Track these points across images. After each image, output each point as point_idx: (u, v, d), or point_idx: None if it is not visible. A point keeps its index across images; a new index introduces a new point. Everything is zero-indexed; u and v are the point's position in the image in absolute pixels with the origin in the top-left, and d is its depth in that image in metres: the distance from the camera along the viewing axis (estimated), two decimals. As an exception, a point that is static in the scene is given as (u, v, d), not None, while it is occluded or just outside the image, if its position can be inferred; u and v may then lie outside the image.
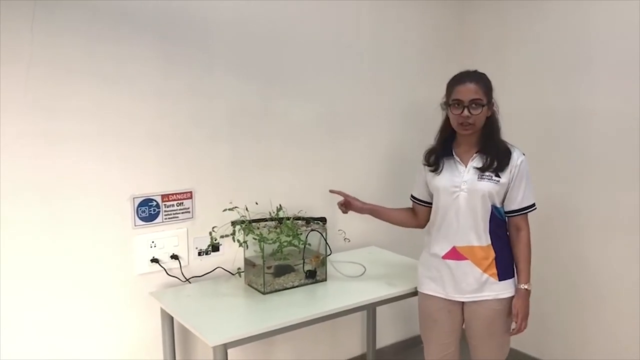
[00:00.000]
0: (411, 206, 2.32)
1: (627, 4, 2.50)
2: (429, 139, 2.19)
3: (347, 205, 2.35)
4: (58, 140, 2.11)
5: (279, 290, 2.28)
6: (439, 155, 2.11)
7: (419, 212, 2.28)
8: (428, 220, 2.24)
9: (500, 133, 2.06)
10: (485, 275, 2.04)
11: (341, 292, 2.29)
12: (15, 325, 2.09)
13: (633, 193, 2.54)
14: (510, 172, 2.00)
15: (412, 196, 2.30)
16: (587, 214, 2.73)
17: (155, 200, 2.35)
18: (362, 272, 2.53)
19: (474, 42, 3.20)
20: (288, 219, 2.41)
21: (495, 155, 2.00)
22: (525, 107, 2.95)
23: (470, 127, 1.99)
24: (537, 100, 2.91)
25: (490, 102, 2.01)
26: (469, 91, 1.97)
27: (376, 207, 2.37)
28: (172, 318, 2.24)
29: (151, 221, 2.35)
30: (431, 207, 2.19)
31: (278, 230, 2.32)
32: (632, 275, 2.58)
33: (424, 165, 2.16)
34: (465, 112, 1.97)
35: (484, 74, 2.05)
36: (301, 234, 2.35)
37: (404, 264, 2.63)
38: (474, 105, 1.97)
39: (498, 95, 2.09)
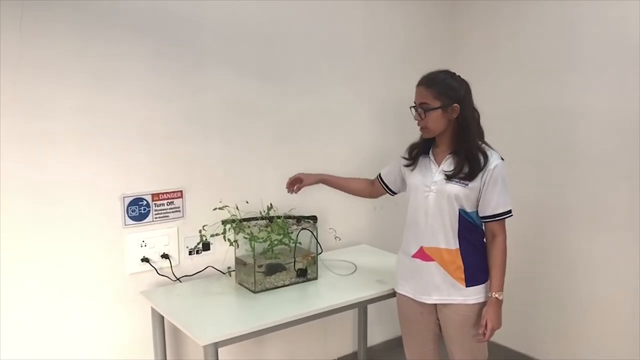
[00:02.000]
0: (372, 179, 2.38)
1: (617, 3, 2.51)
2: (418, 136, 2.20)
3: (294, 183, 2.35)
4: (47, 140, 2.10)
5: (270, 289, 2.28)
6: (419, 151, 2.11)
7: (377, 188, 2.35)
8: (380, 195, 2.37)
9: (475, 135, 1.98)
10: (452, 279, 2.00)
11: (332, 291, 2.29)
12: (4, 326, 2.08)
13: (622, 191, 2.57)
14: (482, 176, 1.94)
15: (379, 174, 2.34)
16: (577, 212, 2.75)
17: (146, 200, 2.34)
18: (353, 270, 2.54)
19: (464, 41, 3.21)
20: (279, 217, 2.41)
21: (465, 159, 1.95)
22: (515, 105, 2.96)
23: (426, 131, 2.02)
24: (527, 99, 2.92)
25: (449, 105, 1.94)
26: (418, 94, 2.00)
27: (326, 175, 2.39)
28: (162, 317, 2.24)
29: (141, 220, 2.34)
30: (390, 192, 2.32)
31: (269, 229, 2.32)
32: (621, 272, 2.61)
33: (402, 157, 2.17)
34: (417, 115, 2.00)
35: (442, 76, 1.99)
36: (292, 232, 2.35)
37: (395, 262, 2.63)
38: (420, 109, 1.98)
39: (488, 93, 2.09)
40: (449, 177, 1.97)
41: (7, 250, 2.06)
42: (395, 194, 2.32)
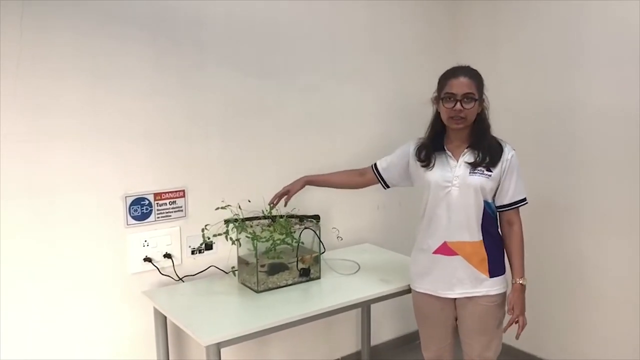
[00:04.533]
0: (360, 169, 2.35)
1: (620, -1, 2.49)
2: (422, 133, 2.18)
3: (282, 196, 2.34)
4: (48, 138, 2.09)
5: (273, 289, 2.27)
6: (430, 150, 2.10)
7: (367, 179, 2.32)
8: (368, 185, 2.34)
9: (490, 129, 2.07)
10: (476, 271, 2.04)
11: (335, 290, 2.28)
12: (4, 326, 2.08)
13: (628, 189, 2.54)
14: (502, 166, 2.01)
15: (375, 165, 2.31)
16: (583, 210, 2.73)
17: (148, 199, 2.33)
18: (356, 269, 2.52)
19: (467, 38, 3.19)
20: (281, 216, 2.40)
21: (486, 150, 2.01)
22: (519, 102, 2.95)
23: (462, 121, 2.00)
24: (531, 96, 2.91)
25: (481, 98, 2.02)
26: (462, 85, 1.98)
27: (309, 177, 2.37)
28: (165, 317, 2.23)
29: (144, 220, 2.33)
30: (383, 184, 2.29)
31: (271, 228, 2.31)
32: (627, 272, 2.58)
33: (416, 161, 2.14)
34: (458, 105, 1.97)
35: (476, 70, 2.06)
36: (294, 231, 2.34)
37: (398, 261, 2.63)
38: (466, 99, 1.97)
39: (491, 91, 2.10)
40: (474, 167, 2.00)
41: (8, 250, 2.05)
42: (388, 187, 2.32)
